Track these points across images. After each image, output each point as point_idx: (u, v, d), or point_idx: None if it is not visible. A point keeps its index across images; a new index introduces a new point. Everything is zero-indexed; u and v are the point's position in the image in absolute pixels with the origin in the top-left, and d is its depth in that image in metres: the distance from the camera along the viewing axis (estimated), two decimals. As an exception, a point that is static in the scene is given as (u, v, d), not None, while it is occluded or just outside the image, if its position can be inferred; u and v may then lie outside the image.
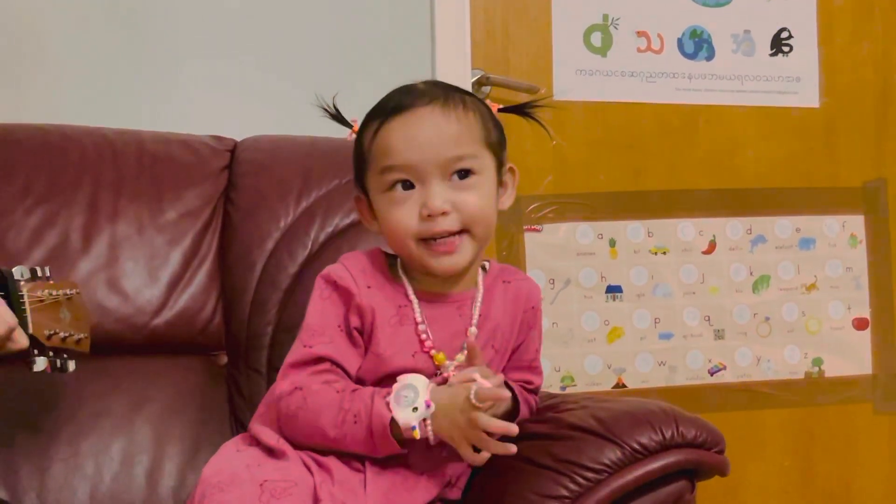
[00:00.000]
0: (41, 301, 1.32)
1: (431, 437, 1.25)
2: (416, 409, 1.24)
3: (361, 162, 1.37)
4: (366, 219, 1.41)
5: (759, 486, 2.43)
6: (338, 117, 1.42)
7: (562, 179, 2.33)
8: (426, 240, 1.31)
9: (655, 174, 2.39)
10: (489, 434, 1.22)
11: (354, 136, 1.40)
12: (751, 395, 2.43)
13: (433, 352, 1.34)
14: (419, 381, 1.27)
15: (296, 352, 1.33)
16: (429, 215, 1.29)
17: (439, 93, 1.34)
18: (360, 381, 1.34)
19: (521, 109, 1.43)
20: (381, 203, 1.33)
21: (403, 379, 1.28)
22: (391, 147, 1.31)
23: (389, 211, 1.32)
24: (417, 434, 1.24)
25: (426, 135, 1.31)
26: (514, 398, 1.36)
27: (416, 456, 1.31)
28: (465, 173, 1.31)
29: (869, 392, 2.50)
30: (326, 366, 1.31)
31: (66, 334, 1.35)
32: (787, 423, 2.45)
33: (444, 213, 1.29)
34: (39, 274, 1.36)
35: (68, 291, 1.39)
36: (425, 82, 1.38)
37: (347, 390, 1.29)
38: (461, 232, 1.31)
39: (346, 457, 1.30)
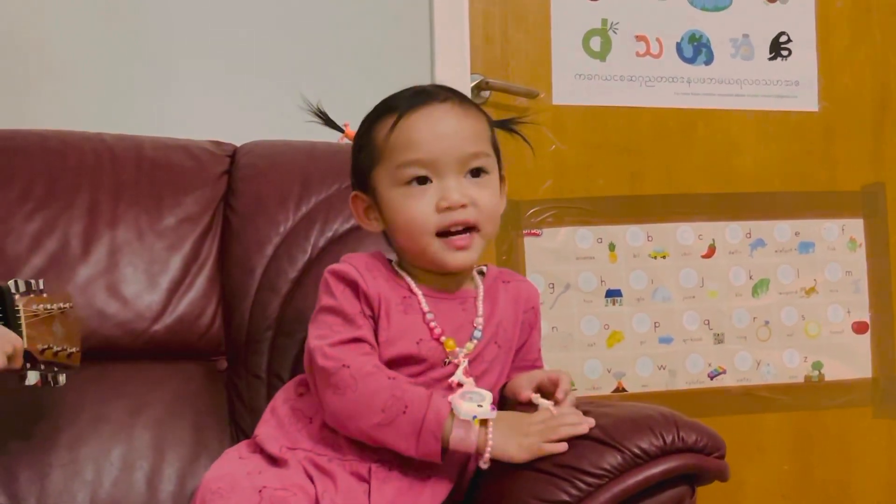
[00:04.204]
0: (36, 315, 1.32)
1: (490, 444, 1.25)
2: (480, 406, 1.25)
3: (370, 157, 1.36)
4: (362, 218, 1.40)
5: (759, 490, 2.43)
6: (327, 121, 1.43)
7: (561, 183, 2.33)
8: (443, 235, 1.32)
9: (654, 178, 2.39)
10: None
11: (346, 139, 1.40)
12: (750, 399, 2.43)
13: (443, 338, 1.34)
14: (484, 391, 1.29)
15: (331, 334, 1.30)
16: (447, 207, 1.30)
17: (452, 93, 1.36)
18: None
19: (506, 125, 1.44)
20: (395, 197, 1.33)
21: (469, 386, 1.30)
22: (414, 140, 1.31)
23: (405, 205, 1.32)
24: (477, 424, 1.24)
25: (449, 129, 1.32)
26: None
27: (423, 462, 1.30)
28: (477, 172, 1.33)
29: (868, 396, 2.50)
30: (367, 348, 1.30)
31: (59, 349, 1.34)
32: (786, 427, 2.45)
33: (462, 206, 1.30)
34: (34, 287, 1.35)
35: (62, 305, 1.38)
36: (430, 85, 1.39)
37: (400, 379, 1.28)
38: (471, 229, 1.32)
39: (351, 466, 1.29)
